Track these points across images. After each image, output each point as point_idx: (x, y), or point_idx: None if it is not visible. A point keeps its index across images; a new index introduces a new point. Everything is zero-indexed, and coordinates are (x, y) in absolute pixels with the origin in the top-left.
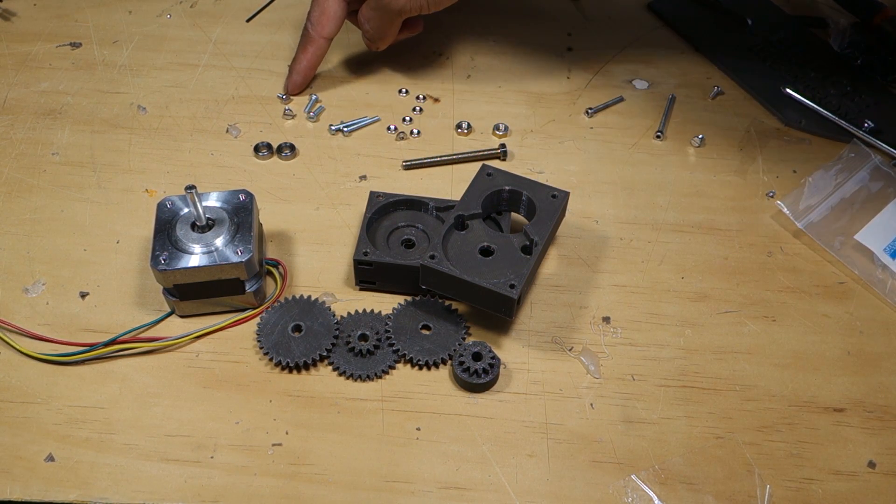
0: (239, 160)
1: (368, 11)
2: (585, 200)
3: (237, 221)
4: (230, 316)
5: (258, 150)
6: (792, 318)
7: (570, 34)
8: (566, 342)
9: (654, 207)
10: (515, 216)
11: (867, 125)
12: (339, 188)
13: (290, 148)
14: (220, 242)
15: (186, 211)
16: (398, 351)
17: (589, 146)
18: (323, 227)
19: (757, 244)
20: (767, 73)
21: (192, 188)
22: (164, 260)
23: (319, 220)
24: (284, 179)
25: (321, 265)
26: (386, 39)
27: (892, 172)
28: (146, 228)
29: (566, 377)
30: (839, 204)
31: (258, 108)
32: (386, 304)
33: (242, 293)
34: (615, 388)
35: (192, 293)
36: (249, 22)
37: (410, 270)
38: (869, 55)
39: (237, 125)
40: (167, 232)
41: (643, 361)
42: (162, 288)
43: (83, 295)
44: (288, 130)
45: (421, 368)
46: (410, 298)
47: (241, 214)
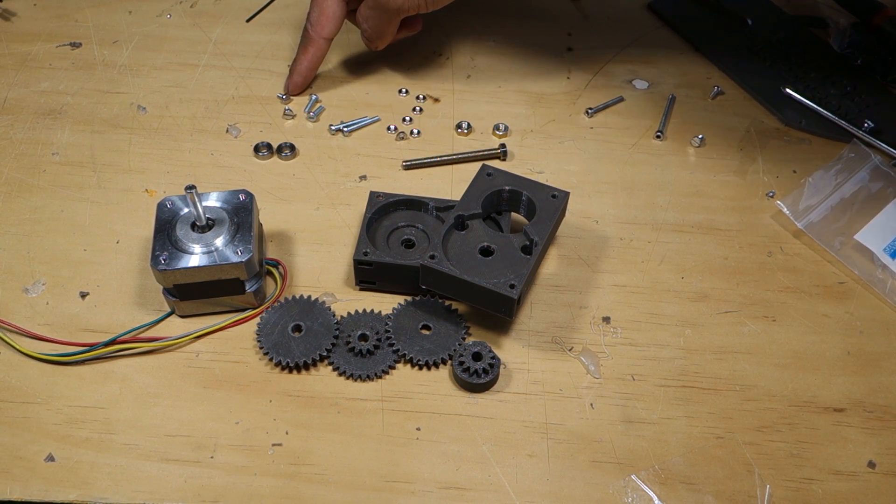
0: (239, 160)
1: (366, 10)
2: (585, 200)
3: (237, 221)
4: (230, 316)
5: (258, 150)
6: (792, 318)
7: (570, 34)
8: (566, 342)
9: (654, 207)
10: (515, 216)
11: (867, 125)
12: (339, 188)
13: (290, 148)
14: (220, 242)
15: (186, 211)
16: (398, 351)
17: (589, 146)
18: (323, 227)
19: (757, 244)
20: (767, 73)
21: (192, 188)
22: (164, 260)
23: (319, 220)
24: (284, 179)
25: (321, 265)
26: (384, 38)
27: (892, 172)
28: (146, 228)
29: (566, 377)
30: (839, 204)
31: (258, 108)
32: (386, 304)
33: (242, 293)
34: (615, 388)
35: (192, 293)
36: (249, 22)
37: (410, 270)
38: (869, 55)
39: (237, 125)
40: (167, 232)
41: (643, 361)
42: (162, 288)
43: (83, 295)
44: (288, 130)
45: (421, 368)
46: (410, 298)
47: (241, 214)
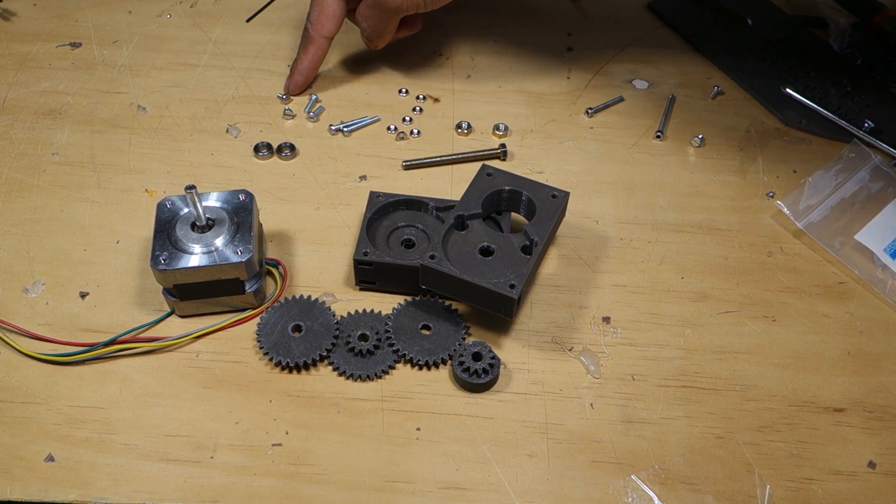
0: (239, 160)
1: (366, 10)
2: (585, 200)
3: (237, 221)
4: (230, 316)
5: (258, 150)
6: (792, 318)
7: (570, 34)
8: (566, 342)
9: (654, 207)
10: (515, 216)
11: (867, 125)
12: (339, 188)
13: (290, 148)
14: (220, 242)
15: (186, 211)
16: (398, 351)
17: (589, 146)
18: (323, 227)
19: (757, 244)
20: (767, 73)
21: (192, 188)
22: (164, 260)
23: (319, 220)
24: (284, 179)
25: (321, 265)
26: (384, 38)
27: (892, 172)
28: (146, 228)
29: (566, 377)
30: (839, 204)
31: (258, 108)
32: (386, 304)
33: (242, 293)
34: (615, 388)
35: (192, 293)
36: (249, 22)
37: (410, 270)
38: (869, 55)
39: (237, 125)
40: (167, 232)
41: (643, 361)
42: (162, 288)
43: (83, 295)
44: (288, 130)
45: (421, 368)
46: (410, 298)
47: (241, 214)
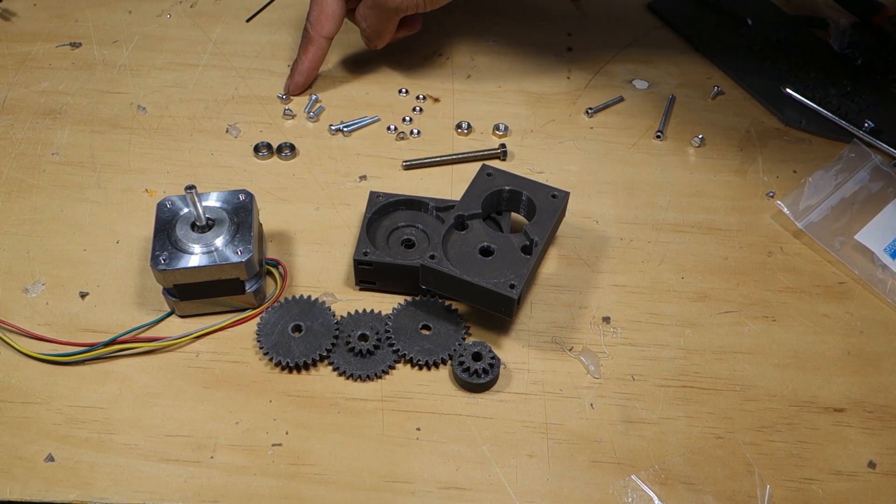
0: (239, 160)
1: (365, 10)
2: (585, 200)
3: (237, 221)
4: (230, 316)
5: (258, 150)
6: (792, 318)
7: (570, 34)
8: (566, 342)
9: (654, 207)
10: (515, 216)
11: (867, 125)
12: (339, 188)
13: (290, 148)
14: (220, 242)
15: (186, 211)
16: (398, 351)
17: (589, 146)
18: (323, 227)
19: (757, 244)
20: (767, 73)
21: (192, 188)
22: (164, 260)
23: (319, 220)
24: (284, 179)
25: (321, 265)
26: (384, 37)
27: (892, 172)
28: (146, 228)
29: (566, 377)
30: (839, 204)
31: (258, 108)
32: (386, 304)
33: (242, 293)
34: (615, 388)
35: (192, 293)
36: (249, 22)
37: (410, 270)
38: (869, 55)
39: (237, 125)
40: (167, 232)
41: (643, 361)
42: (162, 288)
43: (83, 295)
44: (288, 130)
45: (421, 368)
46: (410, 298)
47: (241, 214)
